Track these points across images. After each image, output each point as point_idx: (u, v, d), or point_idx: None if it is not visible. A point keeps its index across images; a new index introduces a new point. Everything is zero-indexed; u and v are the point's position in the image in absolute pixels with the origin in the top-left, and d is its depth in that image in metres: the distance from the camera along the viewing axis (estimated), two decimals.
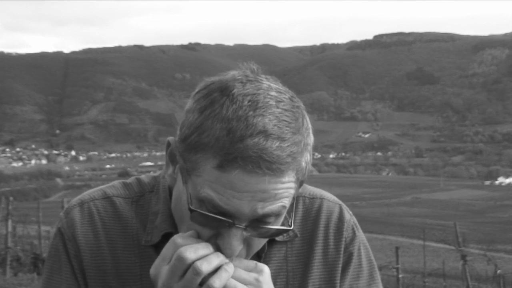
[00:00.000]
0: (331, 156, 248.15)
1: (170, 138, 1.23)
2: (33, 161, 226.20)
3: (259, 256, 1.31)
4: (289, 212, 1.21)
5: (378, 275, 1.45)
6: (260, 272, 1.16)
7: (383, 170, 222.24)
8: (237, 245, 1.15)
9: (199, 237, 1.17)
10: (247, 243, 1.19)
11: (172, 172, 1.24)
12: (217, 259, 1.12)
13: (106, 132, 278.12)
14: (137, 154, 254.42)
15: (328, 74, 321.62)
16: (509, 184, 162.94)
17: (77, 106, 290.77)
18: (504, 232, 61.30)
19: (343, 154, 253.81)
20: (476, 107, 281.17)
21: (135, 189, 1.38)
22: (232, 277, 1.13)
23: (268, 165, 1.10)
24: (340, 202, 1.45)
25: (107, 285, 1.32)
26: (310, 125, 1.19)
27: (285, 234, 1.34)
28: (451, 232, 15.03)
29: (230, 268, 1.13)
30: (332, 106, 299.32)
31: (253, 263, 1.17)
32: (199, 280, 1.10)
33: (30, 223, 17.35)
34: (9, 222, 12.82)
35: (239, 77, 1.17)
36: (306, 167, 1.17)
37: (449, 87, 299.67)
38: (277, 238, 1.34)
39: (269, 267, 1.23)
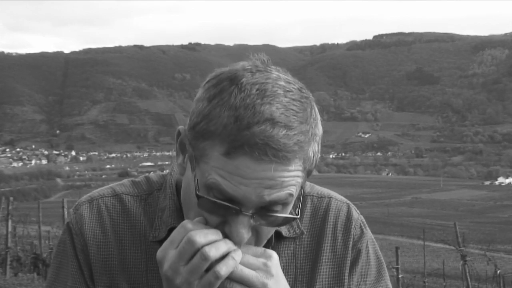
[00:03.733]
0: (331, 156, 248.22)
1: (180, 127, 1.25)
2: (33, 161, 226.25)
3: None
4: (297, 201, 1.22)
5: (386, 272, 1.47)
6: (268, 257, 1.17)
7: (383, 170, 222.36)
8: (245, 233, 1.15)
9: (207, 224, 1.18)
10: (255, 231, 1.20)
11: (182, 161, 1.26)
12: (225, 246, 1.13)
13: (106, 132, 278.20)
14: (137, 154, 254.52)
15: (328, 74, 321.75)
16: (509, 184, 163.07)
17: (77, 106, 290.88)
18: (504, 232, 61.31)
19: (343, 154, 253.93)
20: (476, 107, 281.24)
21: (143, 187, 1.41)
22: (240, 262, 1.14)
23: (274, 153, 1.10)
24: (348, 201, 1.47)
25: (113, 280, 1.34)
26: (318, 116, 1.20)
27: (291, 230, 1.37)
28: (451, 232, 15.05)
29: (237, 255, 1.13)
30: (332, 106, 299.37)
31: (261, 249, 1.18)
32: (206, 265, 1.11)
33: (30, 223, 17.35)
34: (9, 222, 12.81)
35: (249, 67, 1.18)
36: (313, 157, 1.18)
37: (449, 87, 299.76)
38: (284, 234, 1.36)
39: None
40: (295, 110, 1.14)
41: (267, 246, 1.28)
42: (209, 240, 1.12)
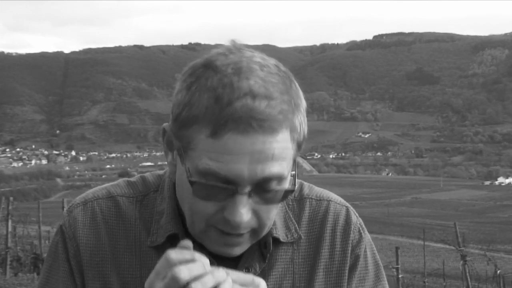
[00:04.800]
0: (331, 156, 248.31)
1: (165, 124, 1.23)
2: (33, 161, 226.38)
3: (264, 257, 1.29)
4: (292, 174, 1.19)
5: (384, 276, 1.45)
6: (257, 286, 1.12)
7: (383, 170, 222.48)
8: (244, 213, 1.13)
9: (205, 213, 1.15)
10: (256, 214, 1.17)
11: (172, 159, 1.23)
12: (212, 280, 1.06)
13: (106, 132, 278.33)
14: (137, 154, 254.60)
15: (328, 74, 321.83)
16: (509, 184, 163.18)
17: (77, 106, 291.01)
18: (504, 232, 61.36)
19: (343, 154, 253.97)
20: (476, 107, 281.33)
21: (139, 188, 1.36)
22: None
23: (259, 123, 1.09)
24: (347, 204, 1.43)
25: (106, 285, 1.30)
26: (300, 90, 1.17)
27: (289, 235, 1.34)
28: (451, 232, 15.04)
29: (227, 286, 1.07)
30: (332, 106, 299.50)
31: (250, 277, 1.13)
32: None
33: (30, 223, 17.35)
34: (9, 222, 12.81)
35: (221, 51, 1.17)
36: (300, 127, 1.15)
37: (449, 87, 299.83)
38: (282, 239, 1.32)
39: (275, 268, 1.29)
40: (274, 82, 1.12)
41: (265, 252, 1.28)
42: (194, 275, 1.06)
